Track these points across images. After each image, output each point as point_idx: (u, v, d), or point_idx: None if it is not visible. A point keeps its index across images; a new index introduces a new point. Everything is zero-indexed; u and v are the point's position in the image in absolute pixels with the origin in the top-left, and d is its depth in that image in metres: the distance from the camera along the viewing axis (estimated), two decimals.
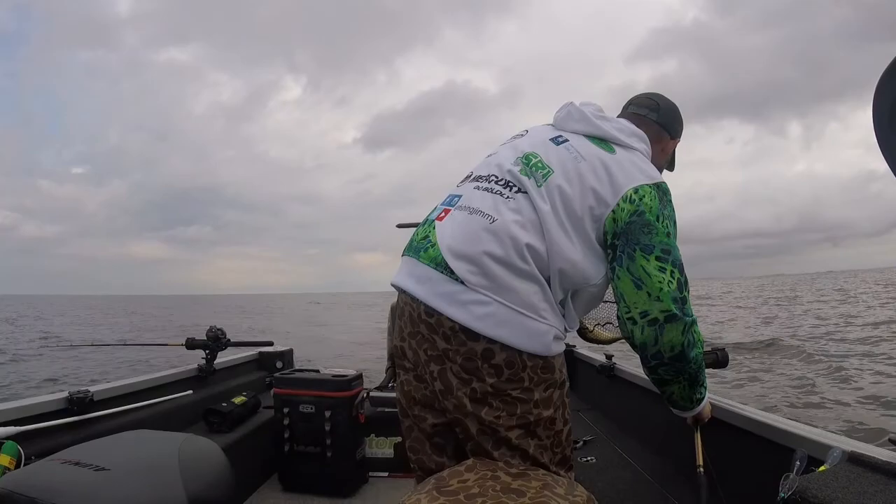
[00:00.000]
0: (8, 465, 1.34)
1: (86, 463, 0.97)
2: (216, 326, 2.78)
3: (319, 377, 2.46)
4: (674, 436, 1.77)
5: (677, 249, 1.12)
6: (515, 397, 1.07)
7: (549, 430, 1.12)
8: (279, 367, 3.24)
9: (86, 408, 1.84)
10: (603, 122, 1.24)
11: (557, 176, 1.13)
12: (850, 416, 5.90)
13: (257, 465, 2.49)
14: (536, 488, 0.90)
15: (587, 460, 1.97)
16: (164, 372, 2.48)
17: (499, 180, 1.16)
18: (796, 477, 1.03)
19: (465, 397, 1.07)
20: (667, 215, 1.14)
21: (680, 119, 1.41)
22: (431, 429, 1.18)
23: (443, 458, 1.18)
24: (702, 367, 1.20)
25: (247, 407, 2.51)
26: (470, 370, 1.06)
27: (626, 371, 2.43)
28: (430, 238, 1.13)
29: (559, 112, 1.29)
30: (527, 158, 1.17)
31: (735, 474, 1.45)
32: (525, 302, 1.05)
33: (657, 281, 1.08)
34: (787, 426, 1.37)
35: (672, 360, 1.13)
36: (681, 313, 1.09)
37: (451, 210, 1.17)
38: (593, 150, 1.18)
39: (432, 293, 1.07)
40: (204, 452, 1.15)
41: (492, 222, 1.08)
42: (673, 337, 1.10)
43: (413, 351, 1.14)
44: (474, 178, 1.22)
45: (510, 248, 1.06)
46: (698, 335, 1.15)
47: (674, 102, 1.40)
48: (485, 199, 1.13)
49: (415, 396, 1.18)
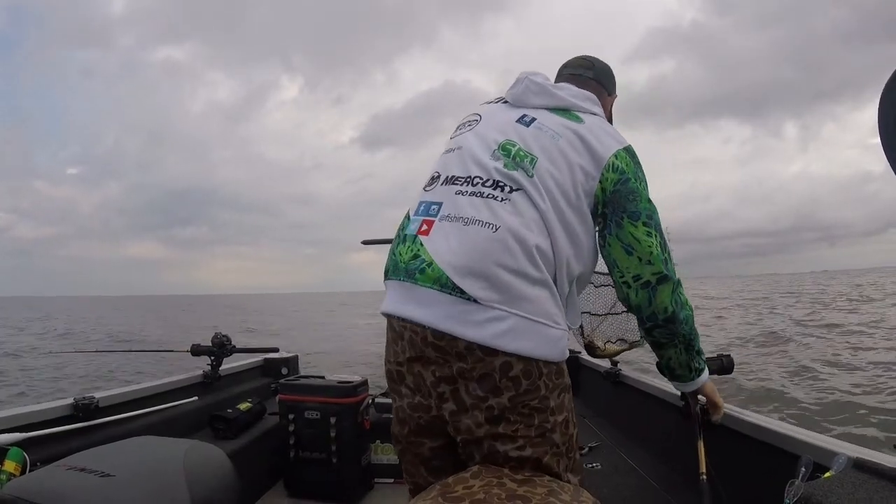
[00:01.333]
0: (13, 472, 1.35)
1: (91, 469, 0.98)
2: (221, 332, 2.79)
3: (325, 383, 2.47)
4: (679, 442, 1.76)
5: (657, 212, 1.16)
6: (534, 407, 1.03)
7: (564, 434, 1.10)
8: (284, 374, 3.24)
9: (91, 414, 1.85)
10: (560, 91, 1.21)
11: (543, 161, 1.09)
12: (855, 422, 5.87)
13: (263, 471, 2.49)
14: (542, 495, 0.90)
15: (592, 466, 1.96)
16: (169, 378, 2.49)
17: (485, 181, 1.08)
18: (801, 483, 1.02)
19: (480, 415, 1.02)
20: (641, 177, 1.16)
21: (613, 75, 1.41)
22: (429, 452, 1.14)
23: (437, 479, 1.14)
24: (695, 333, 1.24)
25: (252, 413, 2.51)
26: (487, 388, 1.01)
27: (631, 378, 2.42)
28: (423, 257, 1.04)
29: (514, 88, 1.23)
30: (505, 149, 1.11)
31: (740, 481, 1.44)
32: (540, 310, 1.02)
33: (647, 245, 1.11)
34: (792, 432, 1.36)
35: (666, 322, 1.16)
36: (668, 273, 1.13)
37: (434, 221, 1.08)
38: (563, 122, 1.15)
39: (441, 316, 0.99)
40: (209, 459, 1.16)
41: (494, 231, 1.01)
42: (664, 298, 1.13)
43: (415, 375, 1.07)
44: (450, 180, 1.12)
45: (520, 256, 1.01)
46: (685, 297, 1.19)
47: (607, 64, 1.41)
48: (477, 206, 1.05)
49: (409, 424, 1.13)
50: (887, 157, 0.64)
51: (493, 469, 1.03)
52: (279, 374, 3.26)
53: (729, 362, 1.71)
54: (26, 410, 1.70)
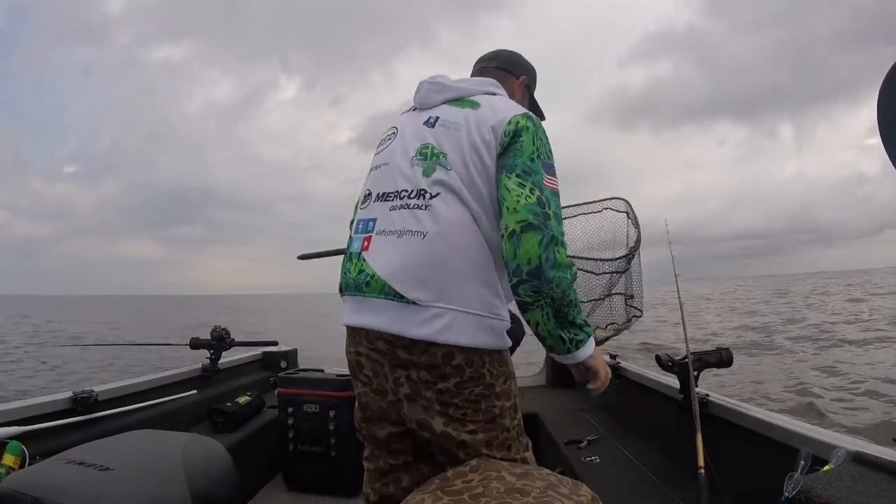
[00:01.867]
0: (13, 465, 1.35)
1: (90, 463, 0.98)
2: (220, 326, 2.79)
3: (323, 377, 2.47)
4: (678, 436, 1.77)
5: (541, 174, 1.10)
6: (480, 394, 1.11)
7: (513, 419, 1.16)
8: (283, 367, 3.25)
9: (90, 408, 1.85)
10: (457, 83, 1.26)
11: (453, 154, 1.14)
12: (854, 415, 5.90)
13: (262, 464, 2.49)
14: (540, 488, 0.90)
15: (591, 460, 1.96)
16: (168, 372, 2.49)
17: (410, 193, 1.15)
18: (801, 476, 1.03)
19: (433, 397, 1.10)
20: (532, 140, 1.13)
21: (521, 61, 1.43)
22: (387, 437, 1.22)
23: (398, 461, 1.24)
24: (569, 301, 1.06)
25: (251, 407, 2.51)
26: (435, 375, 1.09)
27: (630, 370, 2.42)
28: (366, 271, 1.14)
29: (418, 93, 1.28)
30: (422, 153, 1.17)
31: (739, 474, 1.45)
32: (477, 302, 1.09)
33: (515, 196, 1.07)
34: (791, 426, 1.36)
35: (530, 276, 1.04)
36: (540, 224, 1.05)
37: (372, 237, 1.17)
38: (462, 112, 1.19)
39: (388, 321, 1.10)
40: (208, 452, 1.16)
41: (423, 238, 1.09)
42: (529, 248, 1.04)
43: (373, 362, 1.16)
44: (381, 197, 1.20)
45: (449, 256, 1.09)
46: (565, 259, 1.06)
47: (516, 52, 1.45)
48: (405, 217, 1.13)
49: (371, 409, 1.21)
50: (886, 150, 0.64)
51: (492, 463, 1.03)
52: (278, 367, 3.26)
53: (728, 356, 1.72)
54: (25, 404, 1.70)
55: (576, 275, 1.09)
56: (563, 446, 2.15)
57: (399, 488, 1.24)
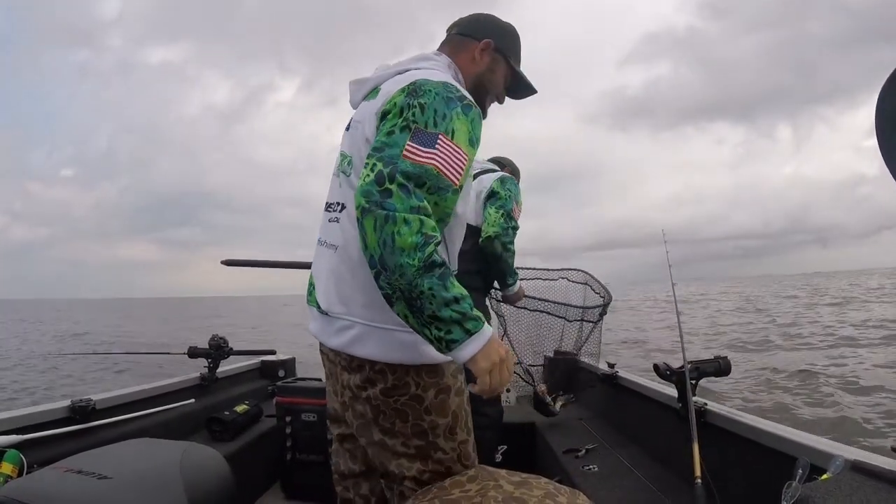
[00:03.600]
0: (10, 474, 1.34)
1: (88, 471, 0.98)
2: (218, 335, 2.79)
3: (321, 386, 2.46)
4: (676, 445, 1.77)
5: (399, 146, 0.95)
6: (405, 403, 1.06)
7: (451, 440, 1.09)
8: (281, 376, 3.24)
9: (88, 416, 1.84)
10: (379, 70, 1.17)
11: (355, 158, 1.09)
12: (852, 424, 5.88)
13: (259, 473, 2.48)
14: (539, 497, 0.90)
15: (589, 468, 1.96)
16: (166, 380, 2.48)
17: (332, 205, 1.16)
18: (798, 485, 1.02)
19: (368, 407, 1.08)
20: (411, 111, 0.99)
21: (487, 22, 1.27)
22: (339, 438, 1.26)
23: (355, 466, 1.24)
24: (425, 294, 0.88)
25: (249, 415, 2.51)
26: (362, 378, 1.07)
27: (628, 380, 2.42)
28: (311, 281, 1.20)
29: (349, 97, 1.23)
30: (341, 163, 1.16)
31: (737, 483, 1.44)
32: (386, 316, 1.00)
33: (362, 177, 0.95)
34: (789, 434, 1.36)
35: (381, 265, 0.91)
36: (373, 205, 0.90)
37: (316, 247, 1.22)
38: (367, 106, 1.11)
39: (317, 330, 1.15)
40: (206, 461, 1.16)
41: (335, 251, 1.11)
42: (367, 235, 0.91)
43: (327, 365, 1.20)
44: (325, 208, 1.21)
45: (357, 269, 1.05)
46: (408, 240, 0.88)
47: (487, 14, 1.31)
48: (329, 230, 1.15)
49: (329, 408, 1.27)
50: (883, 156, 0.64)
51: (490, 471, 1.03)
52: (276, 376, 3.25)
53: (726, 364, 1.72)
54: (23, 413, 1.69)
55: (443, 263, 0.90)
56: (561, 455, 2.15)
57: (358, 494, 1.25)
